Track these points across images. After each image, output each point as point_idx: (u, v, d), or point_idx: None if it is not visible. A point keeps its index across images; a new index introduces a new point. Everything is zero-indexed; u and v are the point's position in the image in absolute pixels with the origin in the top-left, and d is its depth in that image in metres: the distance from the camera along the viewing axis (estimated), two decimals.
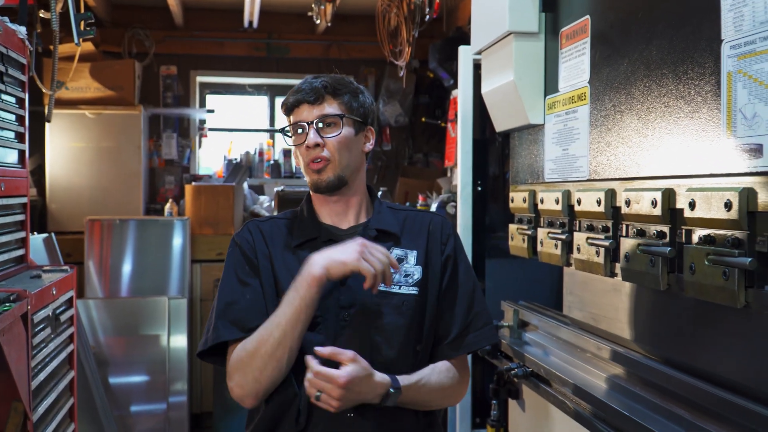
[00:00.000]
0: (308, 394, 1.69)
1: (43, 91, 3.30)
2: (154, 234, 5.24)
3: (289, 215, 1.98)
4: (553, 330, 2.12)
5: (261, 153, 6.65)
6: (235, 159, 6.52)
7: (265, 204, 6.09)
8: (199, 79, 6.57)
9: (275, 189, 5.84)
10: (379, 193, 5.67)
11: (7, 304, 2.09)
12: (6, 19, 2.59)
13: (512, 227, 2.28)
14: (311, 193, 1.95)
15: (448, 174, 4.91)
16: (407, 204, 5.50)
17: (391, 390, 1.73)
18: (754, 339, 1.33)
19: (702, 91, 1.33)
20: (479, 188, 2.82)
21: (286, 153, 6.64)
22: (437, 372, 1.85)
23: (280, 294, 1.81)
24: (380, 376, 1.72)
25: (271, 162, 6.62)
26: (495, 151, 3.02)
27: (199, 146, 6.60)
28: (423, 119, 6.32)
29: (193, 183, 5.80)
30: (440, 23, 5.48)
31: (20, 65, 2.72)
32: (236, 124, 6.86)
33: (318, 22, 5.52)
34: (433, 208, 3.88)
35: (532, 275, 2.80)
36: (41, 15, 3.04)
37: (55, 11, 2.96)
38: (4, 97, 2.60)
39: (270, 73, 6.59)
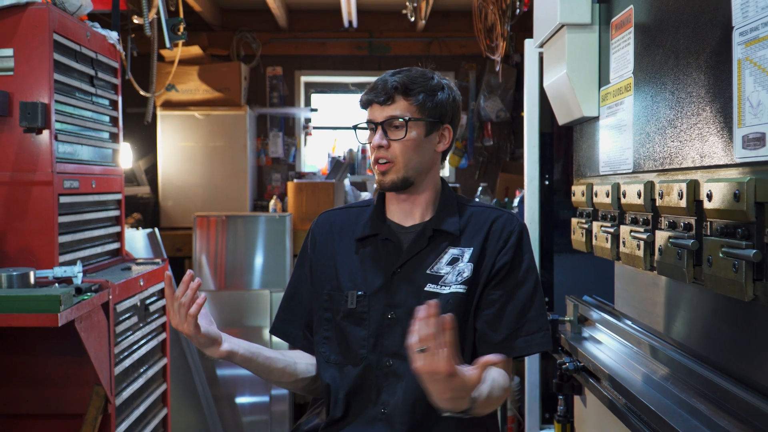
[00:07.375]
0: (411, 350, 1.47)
1: (141, 93, 3.50)
2: (258, 229, 5.43)
3: (364, 204, 2.01)
4: (608, 326, 2.09)
5: (363, 150, 6.76)
6: (339, 156, 6.66)
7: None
8: (304, 78, 6.75)
9: (374, 185, 5.93)
10: (479, 188, 5.66)
11: (88, 294, 2.25)
12: (96, 24, 2.77)
13: (574, 221, 2.26)
14: None
15: None
16: (505, 200, 5.48)
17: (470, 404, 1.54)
18: None
19: (719, 80, 1.29)
20: (546, 182, 2.79)
21: None
22: (496, 385, 1.71)
23: (341, 288, 1.87)
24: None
25: None
26: (561, 144, 2.97)
27: (305, 144, 6.78)
28: (523, 114, 6.24)
29: (295, 180, 5.97)
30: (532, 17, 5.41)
31: (112, 69, 2.90)
32: (340, 123, 6.99)
33: (413, 20, 5.57)
34: (516, 202, 3.86)
35: (601, 270, 2.73)
36: (135, 21, 3.22)
37: (147, 17, 3.13)
38: (96, 99, 2.78)
39: (372, 71, 6.67)
